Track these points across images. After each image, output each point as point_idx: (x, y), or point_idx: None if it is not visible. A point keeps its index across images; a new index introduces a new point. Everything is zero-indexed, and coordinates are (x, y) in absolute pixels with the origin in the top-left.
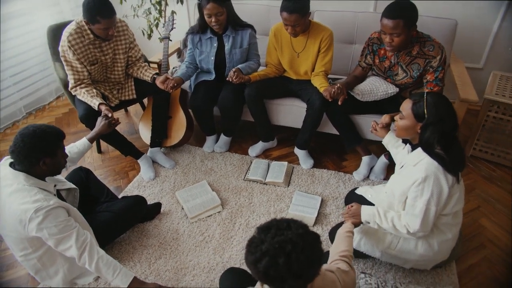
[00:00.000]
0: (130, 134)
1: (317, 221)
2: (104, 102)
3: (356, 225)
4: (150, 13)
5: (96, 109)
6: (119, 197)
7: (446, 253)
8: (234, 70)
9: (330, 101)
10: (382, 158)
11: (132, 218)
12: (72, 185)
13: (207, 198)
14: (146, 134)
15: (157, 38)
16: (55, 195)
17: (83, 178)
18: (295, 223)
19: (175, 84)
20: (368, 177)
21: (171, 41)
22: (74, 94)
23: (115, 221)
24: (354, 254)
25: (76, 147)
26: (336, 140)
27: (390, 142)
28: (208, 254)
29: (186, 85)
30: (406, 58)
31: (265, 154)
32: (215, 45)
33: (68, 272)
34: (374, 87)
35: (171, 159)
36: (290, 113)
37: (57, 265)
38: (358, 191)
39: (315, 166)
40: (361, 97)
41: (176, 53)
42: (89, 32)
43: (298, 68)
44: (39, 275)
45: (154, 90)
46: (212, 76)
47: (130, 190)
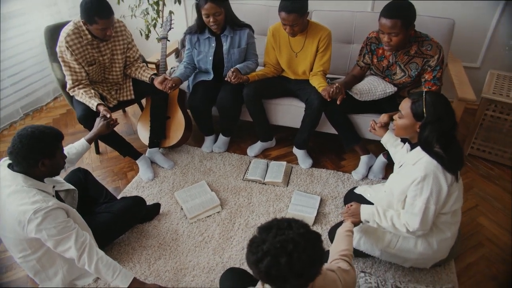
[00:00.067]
0: (128, 134)
1: (316, 220)
2: (102, 102)
3: (355, 224)
4: (147, 13)
5: (94, 109)
6: (118, 198)
7: (445, 251)
8: (232, 70)
9: (328, 100)
10: (381, 157)
11: (131, 219)
12: (70, 186)
13: (206, 198)
14: (144, 134)
15: (155, 39)
16: (54, 196)
17: (82, 179)
18: (296, 223)
19: (174, 84)
20: (367, 176)
21: (169, 41)
22: (72, 95)
23: (114, 222)
24: (354, 253)
25: (74, 148)
26: (334, 139)
27: (388, 141)
28: (207, 255)
29: (184, 85)
30: (404, 57)
31: (264, 154)
32: (213, 45)
33: (67, 273)
34: (373, 87)
35: (170, 160)
36: (289, 113)
37: (56, 266)
38: (357, 191)
39: (314, 165)
40: (359, 96)
41: (174, 53)
42: (87, 32)
43: (296, 68)
44: (38, 277)
45: (152, 91)
46: (210, 76)
47: (129, 191)
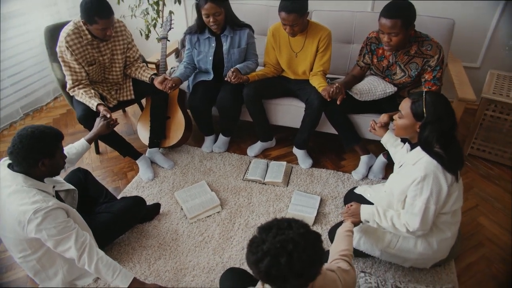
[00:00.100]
0: (128, 134)
1: (316, 220)
2: (102, 102)
3: (355, 224)
4: (147, 13)
5: (94, 109)
6: (118, 198)
7: (445, 251)
8: (232, 70)
9: (328, 100)
10: (381, 157)
11: (131, 219)
12: (71, 186)
13: (206, 198)
14: (144, 134)
15: (154, 39)
16: (54, 196)
17: (82, 179)
18: (296, 223)
19: (174, 84)
20: (367, 176)
21: (169, 41)
22: (72, 95)
23: (114, 222)
24: (354, 253)
25: (74, 148)
26: (334, 139)
27: (388, 141)
28: (207, 255)
29: (184, 85)
30: (404, 57)
31: (263, 154)
32: (213, 45)
33: (67, 273)
34: (373, 87)
35: (170, 160)
36: (289, 112)
37: (56, 266)
38: (357, 191)
39: (314, 165)
40: (359, 96)
41: (174, 53)
42: (87, 32)
43: (296, 68)
44: (38, 277)
45: (152, 91)
46: (210, 76)
47: (129, 191)
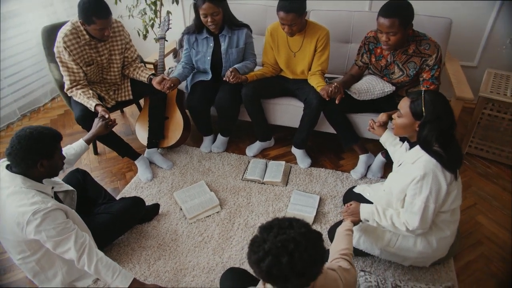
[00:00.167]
0: (126, 135)
1: (315, 220)
2: (100, 103)
3: (355, 223)
4: (145, 13)
5: (92, 110)
6: (117, 198)
7: (445, 250)
8: (231, 70)
9: (327, 100)
10: (379, 157)
11: (130, 219)
12: (69, 187)
13: (206, 199)
14: (143, 135)
15: (152, 39)
16: (53, 197)
17: (80, 180)
18: (297, 222)
19: (172, 84)
20: (365, 175)
21: (167, 41)
22: (70, 95)
23: (114, 222)
24: (353, 252)
25: (73, 149)
26: (333, 139)
27: (387, 140)
28: (207, 255)
29: (182, 85)
30: (402, 56)
31: (262, 154)
32: (211, 45)
33: (66, 274)
34: (371, 86)
35: (169, 160)
36: (287, 112)
37: (55, 267)
38: (356, 190)
39: (313, 165)
40: (358, 96)
41: (172, 53)
42: (84, 32)
43: (295, 67)
44: (38, 278)
45: (150, 91)
46: (208, 76)
47: (128, 192)
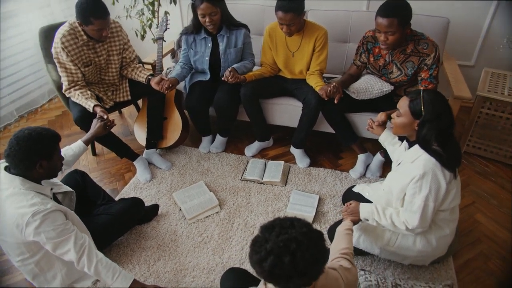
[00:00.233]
0: (125, 135)
1: (315, 219)
2: (99, 104)
3: (355, 222)
4: (143, 13)
5: (91, 111)
6: (116, 199)
7: (444, 248)
8: (229, 69)
9: (326, 99)
10: (378, 156)
11: (129, 220)
12: (68, 188)
13: (205, 199)
14: (141, 135)
15: (150, 39)
16: (52, 199)
17: (79, 181)
18: (299, 222)
19: (170, 84)
20: (364, 175)
21: (165, 41)
22: (68, 96)
23: (113, 223)
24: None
25: (71, 150)
26: (332, 138)
27: (386, 139)
28: (207, 255)
29: (181, 85)
30: (400, 56)
31: (261, 154)
32: (210, 45)
33: (66, 276)
34: (369, 86)
35: (167, 160)
36: (286, 112)
37: (55, 269)
38: (355, 189)
39: (312, 165)
40: (356, 95)
41: (170, 54)
42: (82, 33)
43: (293, 67)
44: (37, 280)
45: (149, 91)
46: (207, 76)
47: (127, 192)
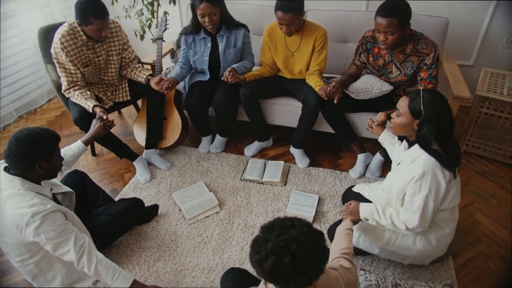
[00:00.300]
0: (124, 136)
1: (315, 219)
2: (98, 104)
3: (355, 222)
4: (142, 14)
5: (90, 111)
6: (116, 199)
7: (444, 248)
8: (229, 69)
9: (325, 99)
10: (378, 156)
11: (129, 220)
12: (68, 188)
13: (205, 199)
14: (141, 135)
15: (149, 39)
16: (51, 199)
17: (79, 181)
18: (299, 222)
19: (170, 85)
20: (364, 174)
21: (164, 41)
22: (67, 96)
23: (113, 224)
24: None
25: (71, 150)
26: (331, 138)
27: (386, 139)
28: (207, 255)
29: (180, 86)
30: (400, 56)
31: (261, 154)
32: (209, 45)
33: (66, 277)
34: (369, 85)
35: (167, 161)
36: (286, 112)
37: (54, 270)
38: (355, 189)
39: (311, 164)
40: (356, 95)
41: (169, 54)
42: (82, 33)
43: (293, 67)
44: (37, 281)
45: (148, 92)
46: (206, 76)
47: (126, 193)
